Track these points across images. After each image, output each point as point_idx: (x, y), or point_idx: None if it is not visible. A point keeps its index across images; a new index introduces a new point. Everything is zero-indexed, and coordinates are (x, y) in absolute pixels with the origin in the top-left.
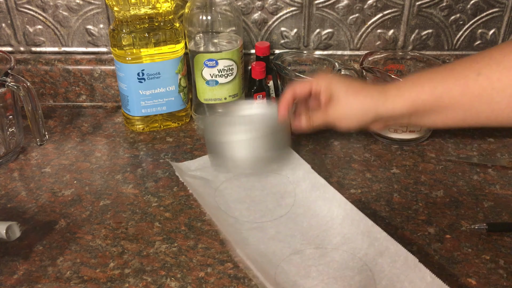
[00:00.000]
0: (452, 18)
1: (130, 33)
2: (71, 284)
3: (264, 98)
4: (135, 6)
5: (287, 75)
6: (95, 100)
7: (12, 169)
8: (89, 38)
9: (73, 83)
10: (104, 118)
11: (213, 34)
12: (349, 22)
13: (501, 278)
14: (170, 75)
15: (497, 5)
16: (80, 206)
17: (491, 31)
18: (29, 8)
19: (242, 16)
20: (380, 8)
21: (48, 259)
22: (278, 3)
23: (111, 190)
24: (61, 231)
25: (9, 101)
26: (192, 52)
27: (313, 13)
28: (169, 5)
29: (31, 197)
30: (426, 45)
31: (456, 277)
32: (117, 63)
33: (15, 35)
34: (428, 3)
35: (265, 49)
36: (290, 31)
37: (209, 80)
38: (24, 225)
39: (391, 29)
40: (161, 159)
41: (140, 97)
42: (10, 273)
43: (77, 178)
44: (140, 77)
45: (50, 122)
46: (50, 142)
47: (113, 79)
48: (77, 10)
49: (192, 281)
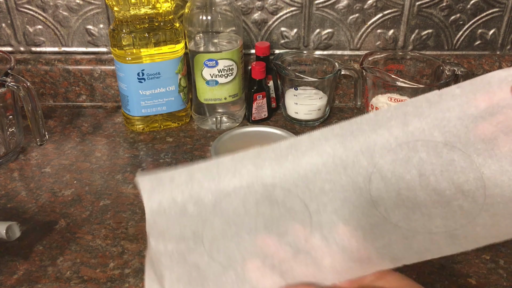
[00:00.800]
0: (452, 18)
1: (130, 33)
2: (71, 284)
3: (264, 98)
4: (135, 6)
5: (287, 75)
6: (95, 100)
7: (12, 169)
8: (89, 38)
9: (73, 83)
10: (104, 118)
11: (213, 34)
12: (349, 22)
13: (501, 278)
14: (170, 75)
15: (497, 5)
16: (80, 206)
17: (491, 31)
18: (29, 8)
19: (242, 16)
20: (380, 8)
21: (48, 259)
22: (278, 3)
23: (111, 190)
24: (61, 231)
25: (9, 101)
26: (192, 52)
27: (313, 13)
28: (169, 5)
29: (31, 197)
30: (426, 45)
31: (456, 277)
32: (117, 63)
33: (15, 35)
34: (428, 3)
35: (265, 49)
36: (290, 31)
37: (209, 80)
38: (24, 225)
39: (391, 29)
40: (161, 159)
41: (140, 97)
42: (10, 273)
43: (77, 178)
44: (140, 77)
45: (50, 122)
46: (50, 142)
47: (113, 79)
48: (77, 10)
49: None
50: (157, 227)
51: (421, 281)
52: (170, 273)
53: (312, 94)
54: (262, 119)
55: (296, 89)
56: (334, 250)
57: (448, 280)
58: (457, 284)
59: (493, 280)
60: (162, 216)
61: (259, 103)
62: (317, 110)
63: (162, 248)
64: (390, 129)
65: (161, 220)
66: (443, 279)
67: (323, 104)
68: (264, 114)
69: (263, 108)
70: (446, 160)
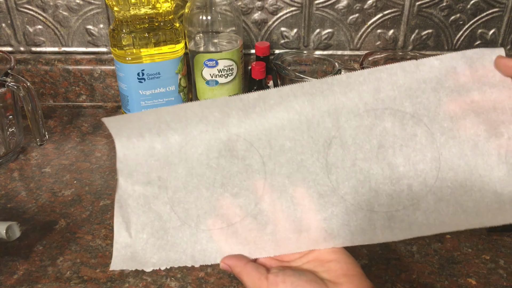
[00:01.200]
0: (452, 18)
1: (130, 33)
2: (71, 284)
3: None
4: (135, 6)
5: (287, 75)
6: (95, 100)
7: (12, 169)
8: (89, 38)
9: (73, 83)
10: None
11: (213, 34)
12: (349, 22)
13: (501, 278)
14: (170, 75)
15: (497, 5)
16: (80, 206)
17: (491, 31)
18: (29, 8)
19: (242, 16)
20: (380, 8)
21: (48, 259)
22: (278, 3)
23: (111, 190)
24: (61, 231)
25: (9, 101)
26: (192, 52)
27: (313, 13)
28: (169, 5)
29: (31, 197)
30: (426, 45)
31: (456, 277)
32: (117, 63)
33: (15, 35)
34: (428, 3)
35: (265, 49)
36: (290, 31)
37: (209, 80)
38: (24, 225)
39: (391, 29)
40: None
41: (140, 97)
42: (10, 273)
43: (77, 178)
44: (140, 77)
45: (50, 122)
46: (50, 142)
47: (113, 79)
48: (77, 10)
49: (192, 281)
50: (126, 163)
51: (421, 281)
52: (136, 218)
53: None
54: None
55: None
56: (278, 217)
57: (448, 280)
58: (457, 284)
59: (493, 280)
60: (132, 151)
61: None
62: None
63: (130, 189)
64: (361, 94)
65: (131, 155)
66: (443, 279)
67: None
68: None
69: None
70: (409, 134)
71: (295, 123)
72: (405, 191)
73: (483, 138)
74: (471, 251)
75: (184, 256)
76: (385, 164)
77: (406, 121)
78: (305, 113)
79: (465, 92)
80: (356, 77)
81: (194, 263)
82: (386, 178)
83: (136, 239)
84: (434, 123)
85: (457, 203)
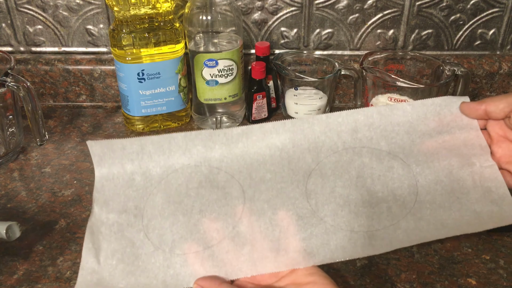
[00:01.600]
0: (452, 18)
1: (130, 33)
2: (71, 284)
3: (264, 98)
4: (135, 6)
5: (287, 75)
6: (95, 100)
7: (12, 169)
8: (89, 38)
9: (73, 83)
10: (104, 118)
11: (213, 34)
12: (349, 22)
13: (501, 278)
14: (170, 75)
15: (497, 5)
16: (80, 206)
17: (491, 31)
18: (29, 8)
19: (242, 16)
20: (380, 8)
21: (48, 259)
22: (278, 3)
23: None
24: (61, 231)
25: (9, 101)
26: (192, 52)
27: (313, 13)
28: (169, 5)
29: (31, 197)
30: (426, 45)
31: (456, 277)
32: (117, 63)
33: (15, 35)
34: (428, 3)
35: (265, 49)
36: (290, 31)
37: (209, 80)
38: (24, 225)
39: (391, 29)
40: None
41: (140, 97)
42: (10, 273)
43: (77, 178)
44: (140, 77)
45: (50, 122)
46: (50, 142)
47: (113, 79)
48: (77, 10)
49: None
50: (103, 193)
51: (421, 281)
52: (107, 245)
53: (312, 94)
54: (262, 119)
55: (296, 89)
56: (256, 238)
57: (448, 280)
58: (457, 284)
59: (493, 280)
60: (110, 182)
61: (259, 103)
62: (317, 110)
63: (104, 217)
64: (340, 134)
65: (109, 186)
66: (443, 279)
67: (323, 104)
68: (264, 114)
69: (263, 108)
70: (386, 166)
71: (276, 158)
72: (385, 213)
73: (456, 167)
74: (471, 251)
75: (155, 281)
76: (364, 191)
77: (383, 157)
78: (286, 149)
79: (436, 134)
80: (335, 117)
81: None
82: (366, 202)
83: (104, 265)
84: (410, 157)
85: (437, 221)
